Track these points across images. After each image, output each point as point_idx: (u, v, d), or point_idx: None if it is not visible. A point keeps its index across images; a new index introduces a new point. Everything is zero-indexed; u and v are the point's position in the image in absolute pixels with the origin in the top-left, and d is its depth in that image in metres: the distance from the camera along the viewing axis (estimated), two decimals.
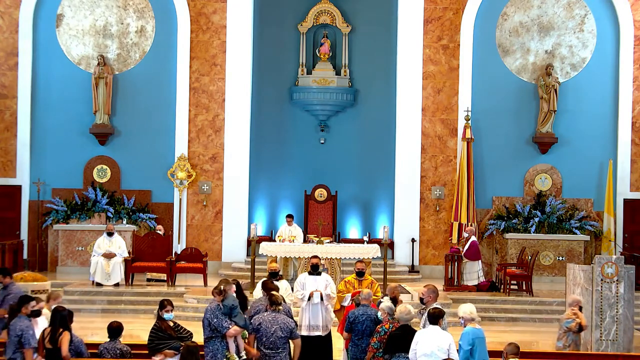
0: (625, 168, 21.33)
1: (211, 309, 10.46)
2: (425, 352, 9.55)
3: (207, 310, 10.51)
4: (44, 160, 21.43)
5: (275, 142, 22.38)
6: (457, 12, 21.49)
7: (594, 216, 21.37)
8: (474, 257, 19.04)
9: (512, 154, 21.60)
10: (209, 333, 10.44)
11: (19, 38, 21.30)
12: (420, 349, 9.62)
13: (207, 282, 18.88)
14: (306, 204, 21.72)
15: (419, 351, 9.63)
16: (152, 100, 21.55)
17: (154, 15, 21.62)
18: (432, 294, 10.60)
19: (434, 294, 10.62)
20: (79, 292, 18.02)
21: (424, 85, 21.50)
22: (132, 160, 21.58)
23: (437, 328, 9.84)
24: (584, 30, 21.56)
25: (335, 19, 22.32)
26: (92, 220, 20.97)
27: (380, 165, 22.04)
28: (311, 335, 12.57)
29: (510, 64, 21.64)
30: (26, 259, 20.93)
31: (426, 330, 9.88)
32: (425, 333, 9.81)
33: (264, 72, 22.17)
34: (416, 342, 9.72)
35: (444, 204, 21.48)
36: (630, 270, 14.35)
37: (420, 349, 9.62)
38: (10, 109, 21.38)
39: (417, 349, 9.66)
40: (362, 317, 10.97)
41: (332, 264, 18.00)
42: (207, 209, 21.54)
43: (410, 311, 10.22)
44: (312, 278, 12.88)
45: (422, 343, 9.66)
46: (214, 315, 10.40)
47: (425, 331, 9.86)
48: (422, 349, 9.60)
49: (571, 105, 21.49)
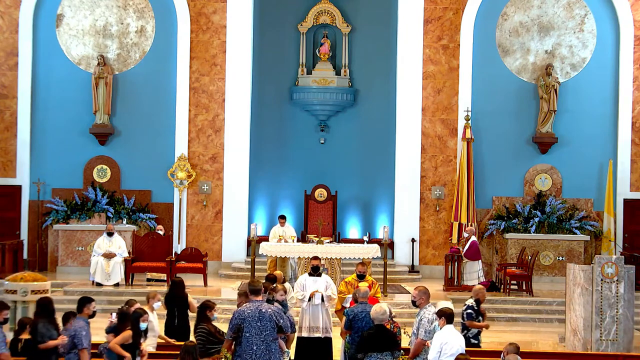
0: (625, 168, 21.32)
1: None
2: (453, 353, 9.56)
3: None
4: (44, 160, 21.43)
5: (275, 142, 22.38)
6: (457, 12, 21.49)
7: (594, 216, 21.37)
8: (474, 257, 19.04)
9: (512, 154, 21.60)
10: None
11: (19, 38, 21.30)
12: (448, 350, 9.61)
13: (207, 282, 18.89)
14: (306, 204, 21.72)
15: (447, 352, 9.61)
16: (152, 100, 21.55)
17: (154, 15, 21.62)
18: (424, 296, 10.59)
19: (426, 295, 10.61)
20: (79, 292, 17.97)
21: (424, 85, 21.50)
22: (132, 160, 21.58)
23: (452, 327, 9.85)
24: (584, 30, 21.56)
25: (335, 19, 22.32)
26: (92, 220, 20.97)
27: (380, 165, 22.04)
28: (311, 337, 12.56)
29: (510, 64, 21.64)
30: (26, 259, 20.93)
31: (445, 330, 9.84)
32: (446, 334, 9.79)
33: (264, 72, 22.17)
34: (441, 342, 9.68)
35: (444, 204, 21.48)
36: (630, 270, 14.35)
37: (448, 350, 9.61)
38: (10, 109, 21.38)
39: (442, 350, 9.62)
40: (361, 315, 10.99)
41: (332, 264, 18.00)
42: (207, 209, 21.54)
43: (385, 311, 10.23)
44: (312, 279, 12.88)
45: (450, 343, 9.65)
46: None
47: (445, 331, 9.83)
48: (450, 349, 9.60)
49: (571, 105, 21.49)
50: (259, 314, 9.95)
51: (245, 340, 9.94)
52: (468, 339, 12.19)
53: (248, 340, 9.91)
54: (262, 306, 10.05)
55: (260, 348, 9.89)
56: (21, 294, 14.40)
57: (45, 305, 10.54)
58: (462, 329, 12.12)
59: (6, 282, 15.27)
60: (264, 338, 9.91)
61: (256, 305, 10.04)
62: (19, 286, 14.74)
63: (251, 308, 10.01)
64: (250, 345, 9.90)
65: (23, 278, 15.23)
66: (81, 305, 10.49)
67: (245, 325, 9.93)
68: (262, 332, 9.90)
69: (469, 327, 12.12)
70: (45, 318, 10.39)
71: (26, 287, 14.46)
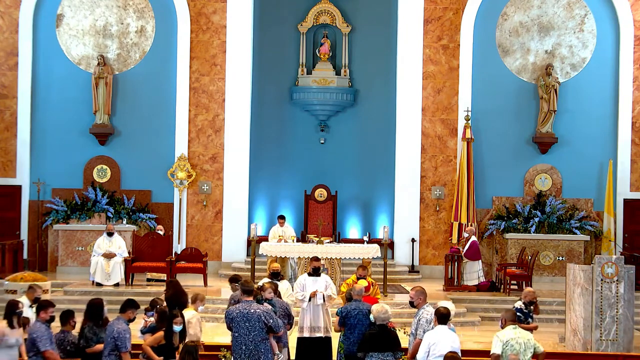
0: (625, 168, 21.32)
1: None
2: (442, 354, 9.55)
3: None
4: (44, 160, 21.43)
5: (275, 142, 22.38)
6: (457, 12, 21.49)
7: (594, 216, 21.37)
8: (474, 257, 19.05)
9: (512, 154, 21.60)
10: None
11: (19, 38, 21.30)
12: (437, 350, 9.60)
13: (207, 282, 18.90)
14: (306, 204, 21.72)
15: (435, 352, 9.60)
16: (152, 100, 21.55)
17: (154, 15, 21.62)
18: (421, 296, 10.60)
19: (423, 295, 10.62)
20: (79, 292, 18.01)
21: (424, 85, 21.50)
22: (132, 160, 21.58)
23: (445, 328, 9.85)
24: (584, 30, 21.56)
25: (335, 19, 22.32)
26: (92, 220, 20.97)
27: (380, 165, 22.04)
28: (312, 337, 12.58)
29: (510, 64, 21.64)
30: (26, 259, 20.93)
31: (437, 331, 9.84)
32: (437, 334, 9.78)
33: (264, 72, 22.17)
34: (430, 343, 9.69)
35: (444, 204, 21.48)
36: (630, 270, 14.36)
37: (437, 350, 9.60)
38: (10, 109, 21.38)
39: (430, 351, 9.63)
40: (354, 312, 11.05)
41: (332, 264, 18.00)
42: (207, 209, 21.54)
43: (387, 311, 10.28)
44: (312, 279, 12.89)
45: (438, 344, 9.64)
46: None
47: (436, 332, 9.83)
48: (439, 350, 9.59)
49: (571, 105, 21.49)
50: (248, 314, 10.04)
51: (235, 340, 10.14)
52: None
53: (237, 340, 10.10)
54: (251, 307, 10.13)
55: (249, 348, 10.01)
56: (21, 294, 14.39)
57: (94, 308, 10.49)
58: None
59: (6, 282, 15.31)
60: (252, 338, 10.03)
61: (245, 305, 10.13)
62: (18, 286, 14.77)
63: (240, 308, 10.13)
64: (240, 345, 10.06)
65: (23, 278, 15.27)
66: (125, 307, 10.37)
67: (234, 326, 10.09)
68: (250, 332, 10.04)
69: None
70: (93, 321, 10.38)
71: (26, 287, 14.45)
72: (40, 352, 9.81)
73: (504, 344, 9.66)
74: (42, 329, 9.93)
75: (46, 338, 9.89)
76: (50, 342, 9.94)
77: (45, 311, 10.16)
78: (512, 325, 9.83)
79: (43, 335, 9.86)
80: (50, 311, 10.20)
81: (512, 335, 9.74)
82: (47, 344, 9.87)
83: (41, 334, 9.86)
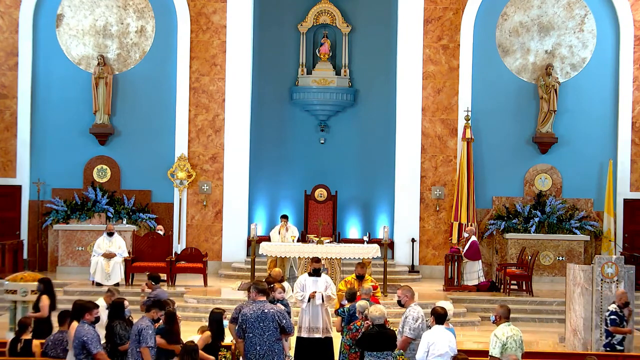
0: (625, 168, 21.32)
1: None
2: (441, 353, 9.56)
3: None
4: (44, 160, 21.43)
5: (275, 142, 22.38)
6: (457, 12, 21.49)
7: (594, 216, 21.36)
8: (474, 257, 19.05)
9: (512, 154, 21.60)
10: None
11: (19, 38, 21.30)
12: (435, 350, 9.62)
13: (207, 282, 18.90)
14: (306, 204, 21.72)
15: (434, 352, 9.61)
16: (152, 100, 21.55)
17: (154, 15, 21.62)
18: (408, 294, 10.64)
19: (410, 293, 10.66)
20: (79, 292, 18.01)
21: (424, 85, 21.50)
22: (132, 160, 21.58)
23: (443, 327, 9.85)
24: (584, 30, 21.55)
25: (335, 19, 22.31)
26: (92, 220, 20.97)
27: (380, 165, 22.03)
28: (311, 337, 12.57)
29: (510, 64, 21.63)
30: (26, 259, 20.93)
31: (434, 330, 9.85)
32: (435, 333, 9.80)
33: (264, 72, 22.17)
34: (429, 343, 9.70)
35: (444, 204, 21.48)
36: (630, 270, 14.37)
37: (435, 350, 9.62)
38: (10, 109, 21.38)
39: (429, 350, 9.63)
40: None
41: (332, 264, 18.00)
42: (207, 209, 21.54)
43: (383, 312, 10.35)
44: (311, 279, 12.88)
45: (437, 344, 9.65)
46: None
47: (434, 332, 9.84)
48: (437, 350, 9.60)
49: (571, 105, 21.49)
50: (262, 314, 9.98)
51: (249, 340, 10.02)
52: (613, 345, 12.17)
53: (251, 341, 10.00)
54: (265, 307, 10.08)
55: (264, 348, 9.95)
56: (21, 294, 14.39)
57: (119, 306, 10.75)
58: (607, 335, 12.07)
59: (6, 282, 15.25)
60: (266, 339, 9.97)
61: (259, 305, 10.07)
62: (18, 286, 14.73)
63: (253, 309, 10.05)
64: (254, 346, 9.98)
65: (23, 278, 15.22)
66: (153, 306, 10.51)
67: (247, 326, 9.98)
68: (264, 332, 9.97)
69: (613, 334, 12.03)
70: (119, 319, 10.59)
71: (26, 287, 14.44)
72: (92, 354, 9.82)
73: (503, 344, 9.66)
74: (90, 331, 9.93)
75: (96, 340, 9.92)
76: (99, 343, 10.00)
77: (90, 313, 10.13)
78: (506, 322, 9.83)
79: (93, 338, 9.89)
80: (95, 312, 10.17)
81: (509, 333, 9.75)
82: (97, 346, 9.90)
83: (91, 336, 9.87)
